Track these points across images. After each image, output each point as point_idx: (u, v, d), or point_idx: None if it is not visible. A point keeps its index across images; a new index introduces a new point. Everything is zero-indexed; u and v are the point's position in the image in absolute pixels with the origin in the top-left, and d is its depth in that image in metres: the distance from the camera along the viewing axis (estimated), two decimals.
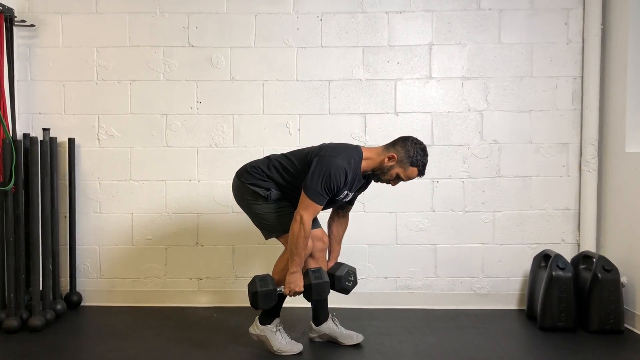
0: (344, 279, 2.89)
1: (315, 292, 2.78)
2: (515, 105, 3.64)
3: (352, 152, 2.78)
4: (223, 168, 3.67)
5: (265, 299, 2.74)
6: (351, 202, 3.03)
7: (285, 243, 2.87)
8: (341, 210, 3.07)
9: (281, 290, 2.79)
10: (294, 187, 2.81)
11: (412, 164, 2.76)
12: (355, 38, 3.64)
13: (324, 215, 3.05)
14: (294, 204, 2.81)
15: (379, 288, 3.70)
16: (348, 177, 2.71)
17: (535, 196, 3.66)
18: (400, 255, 3.69)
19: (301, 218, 2.68)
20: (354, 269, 2.99)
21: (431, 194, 3.67)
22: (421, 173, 2.81)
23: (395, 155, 2.76)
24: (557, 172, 3.65)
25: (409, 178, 2.80)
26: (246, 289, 3.65)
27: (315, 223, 2.86)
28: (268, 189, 2.82)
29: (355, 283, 2.96)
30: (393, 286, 3.70)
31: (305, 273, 2.80)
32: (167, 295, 3.72)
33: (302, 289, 2.77)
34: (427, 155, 2.80)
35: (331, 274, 2.90)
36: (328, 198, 2.73)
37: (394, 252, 3.69)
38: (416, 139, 2.82)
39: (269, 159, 2.92)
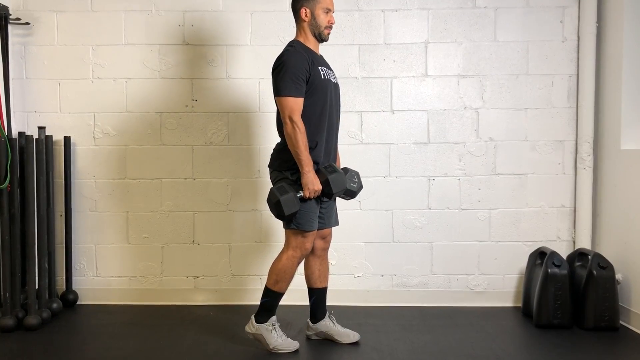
0: (348, 180, 2.83)
1: (334, 185, 2.71)
2: (511, 103, 3.64)
3: (288, 45, 2.82)
4: (218, 166, 3.67)
5: (289, 204, 2.67)
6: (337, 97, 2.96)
7: (286, 240, 2.84)
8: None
9: (301, 194, 2.71)
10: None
11: None
12: (351, 36, 3.64)
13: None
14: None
15: (375, 286, 3.70)
16: (303, 55, 2.72)
17: (531, 194, 3.66)
18: (396, 253, 3.69)
19: (289, 119, 2.66)
20: (357, 171, 2.94)
21: (427, 191, 3.68)
22: None
23: (305, 7, 2.81)
24: (553, 169, 3.66)
25: (330, 2, 2.84)
26: (243, 288, 3.68)
27: (314, 222, 2.83)
28: (296, 171, 2.75)
29: (360, 186, 2.91)
30: (389, 284, 3.71)
31: (318, 170, 2.74)
32: (163, 294, 3.72)
33: (320, 187, 2.71)
34: None
35: None
36: (304, 84, 2.70)
37: (390, 249, 3.69)
38: None
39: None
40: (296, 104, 2.69)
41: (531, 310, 3.33)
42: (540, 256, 3.41)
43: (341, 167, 2.99)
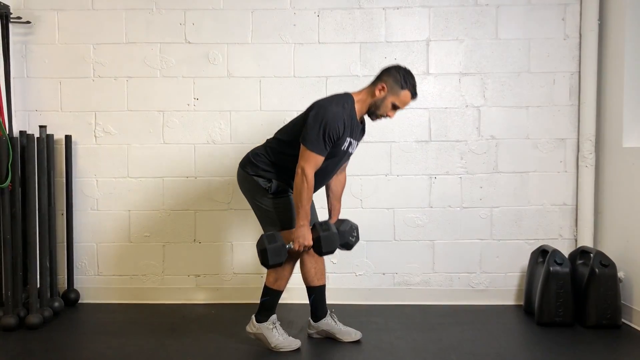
0: (347, 234, 2.85)
1: (324, 244, 2.74)
2: (512, 101, 3.64)
3: (344, 98, 2.78)
4: (220, 165, 3.67)
5: (275, 255, 2.69)
6: (348, 157, 2.98)
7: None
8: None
9: (290, 246, 2.73)
10: (293, 159, 2.75)
11: (403, 87, 2.77)
12: (353, 34, 3.64)
13: (321, 196, 3.04)
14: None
15: (377, 284, 3.70)
16: (346, 122, 2.70)
17: (532, 192, 3.66)
18: (398, 251, 3.69)
19: (302, 170, 2.66)
20: (356, 225, 2.95)
21: (429, 190, 3.67)
22: (414, 96, 2.81)
23: (385, 85, 2.76)
24: (555, 167, 3.65)
25: (404, 103, 2.81)
26: (244, 286, 3.68)
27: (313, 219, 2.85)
28: (269, 180, 2.80)
29: (357, 239, 2.93)
30: (391, 282, 3.70)
31: (313, 227, 2.77)
32: (164, 292, 3.72)
33: (311, 243, 2.73)
34: (414, 77, 2.82)
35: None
36: (329, 148, 2.70)
37: (392, 248, 3.69)
38: (398, 64, 2.84)
39: (266, 141, 2.93)
40: (316, 160, 2.69)
41: (533, 308, 3.33)
42: (542, 254, 3.41)
43: (340, 217, 3.03)
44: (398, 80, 2.76)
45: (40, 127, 3.50)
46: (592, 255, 3.22)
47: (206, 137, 3.68)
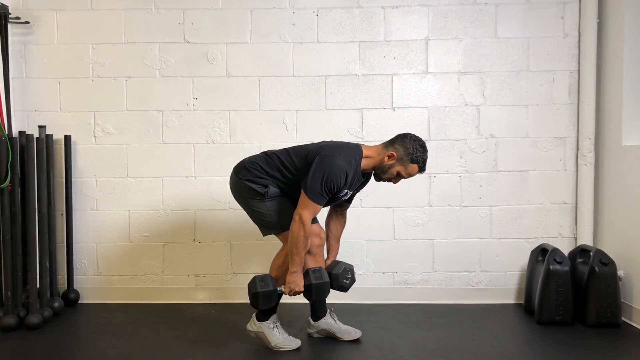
0: (341, 277, 2.89)
1: (315, 292, 2.79)
2: (511, 99, 3.64)
3: (353, 151, 2.78)
4: (220, 164, 3.67)
5: (266, 299, 2.75)
6: (349, 201, 3.04)
7: (283, 240, 2.87)
8: (339, 208, 3.08)
9: (281, 291, 2.79)
10: (294, 184, 2.81)
11: (412, 161, 2.77)
12: (352, 33, 3.64)
13: (322, 214, 3.04)
14: (292, 201, 2.82)
15: (376, 283, 3.70)
16: (348, 177, 2.73)
17: (532, 190, 3.66)
18: (398, 250, 3.69)
19: (300, 217, 2.68)
20: (351, 266, 2.98)
21: (428, 189, 3.67)
22: (422, 169, 2.82)
23: (395, 154, 2.76)
24: (554, 166, 3.65)
25: (410, 175, 2.82)
26: (244, 286, 3.65)
27: (312, 219, 2.86)
28: (266, 186, 2.81)
29: (353, 280, 2.96)
30: (391, 281, 3.70)
31: (306, 273, 2.80)
32: (164, 292, 3.72)
33: (302, 289, 2.78)
34: (426, 152, 2.81)
35: (328, 272, 2.89)
36: (328, 198, 2.73)
37: (392, 247, 3.69)
38: (415, 135, 2.83)
39: (267, 154, 2.91)
40: (315, 209, 2.72)
41: (533, 307, 3.33)
42: (541, 253, 3.41)
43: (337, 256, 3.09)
44: (410, 152, 2.76)
45: (40, 127, 3.50)
46: (591, 253, 3.22)
47: (205, 137, 3.68)
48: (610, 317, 3.14)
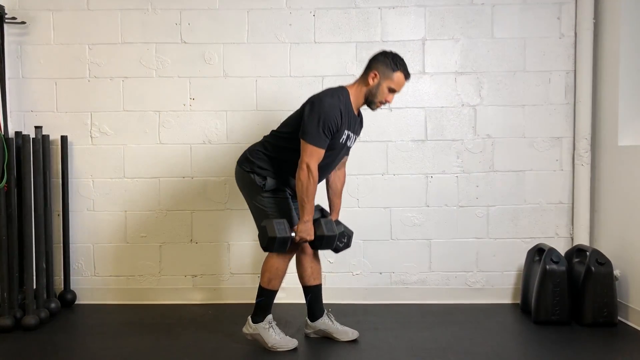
0: (337, 240, 2.88)
1: (325, 243, 2.81)
2: (508, 99, 3.64)
3: (338, 90, 2.81)
4: (217, 165, 3.66)
5: (281, 244, 2.72)
6: (347, 152, 3.00)
7: None
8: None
9: (293, 236, 2.75)
10: (294, 153, 2.76)
11: (394, 70, 2.78)
12: (349, 34, 3.64)
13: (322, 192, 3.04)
14: (292, 193, 2.82)
15: (373, 283, 3.70)
16: (342, 112, 2.73)
17: (528, 190, 3.67)
18: (394, 250, 3.69)
19: (307, 166, 2.68)
20: (351, 232, 2.99)
21: (425, 189, 3.67)
22: (407, 75, 2.83)
23: (377, 72, 2.79)
24: (551, 166, 3.66)
25: (400, 85, 2.82)
26: (241, 286, 3.68)
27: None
28: (264, 178, 2.81)
29: (347, 246, 2.97)
30: (388, 281, 3.71)
31: (319, 223, 2.79)
32: (161, 293, 3.71)
33: (312, 238, 2.77)
34: (403, 59, 2.83)
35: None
36: (329, 139, 2.71)
37: (389, 247, 3.69)
38: (384, 50, 2.87)
39: (264, 137, 2.95)
40: (319, 154, 2.71)
41: (530, 306, 3.34)
42: (538, 253, 3.41)
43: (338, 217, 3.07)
44: (388, 64, 2.78)
45: (36, 127, 3.49)
46: (588, 253, 3.23)
47: (202, 137, 3.68)
48: (607, 316, 3.15)
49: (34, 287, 3.32)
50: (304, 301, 3.03)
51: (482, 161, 3.66)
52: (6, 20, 3.53)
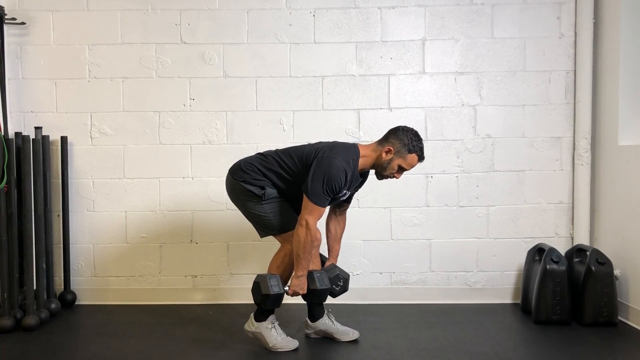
0: (332, 283, 2.92)
1: (318, 296, 2.85)
2: (508, 99, 3.64)
3: (350, 151, 2.80)
4: (217, 165, 3.66)
5: (275, 301, 2.76)
6: (348, 201, 3.05)
7: (282, 241, 2.88)
8: (338, 209, 3.09)
9: (286, 290, 2.81)
10: (291, 184, 2.82)
11: (410, 151, 2.79)
12: (349, 34, 3.64)
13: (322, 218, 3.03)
14: (290, 200, 2.83)
15: (374, 283, 3.70)
16: (347, 177, 2.74)
17: (529, 190, 3.67)
18: (395, 250, 3.69)
19: (307, 223, 2.69)
20: (347, 275, 3.02)
21: (425, 189, 3.67)
22: (421, 158, 2.84)
23: (392, 148, 2.79)
24: (551, 166, 3.66)
25: (411, 166, 2.84)
26: (241, 287, 3.67)
27: None
28: (262, 187, 2.81)
29: (343, 289, 3.00)
30: (388, 281, 3.71)
31: (311, 276, 2.82)
32: (161, 293, 3.71)
33: (305, 292, 2.82)
34: (421, 140, 2.84)
35: None
36: (330, 198, 2.74)
37: (389, 247, 3.69)
38: (406, 126, 2.86)
39: (263, 155, 2.92)
40: (319, 212, 2.73)
41: (530, 306, 3.34)
42: (538, 252, 3.41)
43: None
44: (406, 144, 2.78)
45: (36, 128, 3.49)
46: (588, 253, 3.23)
47: (202, 138, 3.68)
48: (607, 316, 3.15)
49: (34, 287, 3.32)
50: (304, 301, 3.02)
51: (482, 161, 3.66)
52: (6, 21, 3.54)
